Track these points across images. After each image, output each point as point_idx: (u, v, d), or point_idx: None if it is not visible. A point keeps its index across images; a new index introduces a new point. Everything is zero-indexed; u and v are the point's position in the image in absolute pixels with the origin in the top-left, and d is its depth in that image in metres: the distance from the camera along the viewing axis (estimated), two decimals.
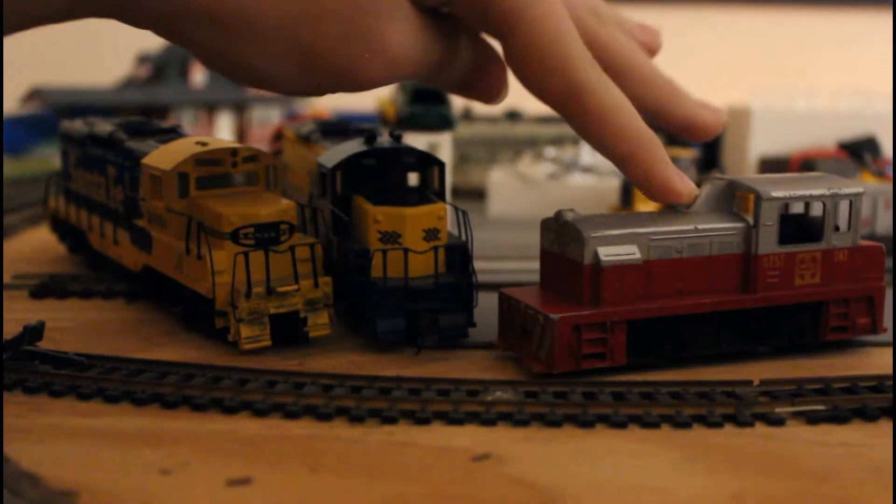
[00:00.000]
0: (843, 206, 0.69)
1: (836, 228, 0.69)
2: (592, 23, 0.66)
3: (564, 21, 0.60)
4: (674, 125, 0.68)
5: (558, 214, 0.66)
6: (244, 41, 0.55)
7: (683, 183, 0.65)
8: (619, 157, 0.64)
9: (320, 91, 0.60)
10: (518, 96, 0.64)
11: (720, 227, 0.67)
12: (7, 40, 0.53)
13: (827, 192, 0.69)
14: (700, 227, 0.67)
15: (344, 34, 0.55)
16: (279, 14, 0.54)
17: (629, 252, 0.65)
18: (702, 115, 0.68)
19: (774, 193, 0.67)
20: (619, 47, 0.66)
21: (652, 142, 0.64)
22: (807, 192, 0.68)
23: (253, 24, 0.54)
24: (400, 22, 0.57)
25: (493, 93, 0.66)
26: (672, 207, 0.68)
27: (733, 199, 0.69)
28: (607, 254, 0.64)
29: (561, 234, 0.66)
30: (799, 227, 0.70)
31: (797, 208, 0.71)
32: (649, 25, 0.73)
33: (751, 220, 0.67)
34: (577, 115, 0.62)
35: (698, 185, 0.69)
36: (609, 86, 0.62)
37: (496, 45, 0.65)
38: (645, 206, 0.95)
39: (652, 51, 0.71)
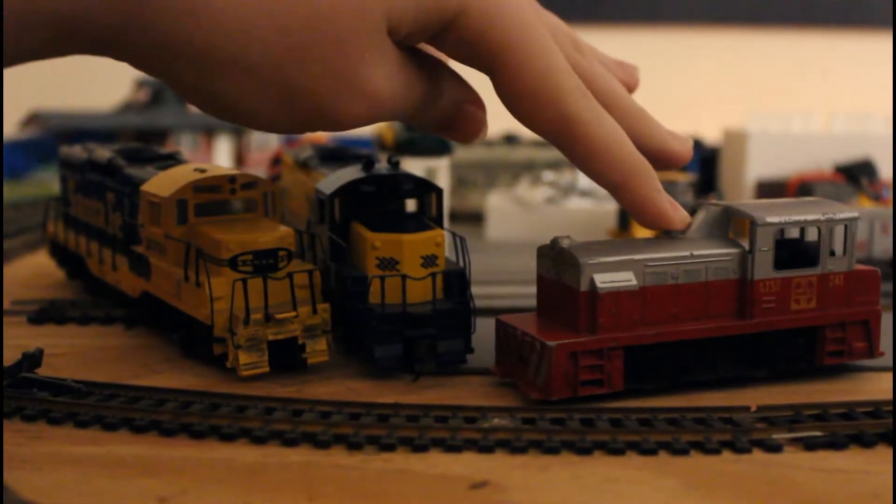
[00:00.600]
0: (839, 231, 0.70)
1: (832, 253, 0.70)
2: (575, 55, 0.66)
3: (554, 54, 0.61)
4: (647, 155, 0.69)
5: (554, 241, 0.67)
6: (225, 79, 0.55)
7: (675, 211, 0.66)
8: (611, 186, 0.65)
9: (301, 129, 0.60)
10: (515, 121, 0.65)
11: (716, 253, 0.67)
12: None
13: (822, 218, 0.69)
14: (696, 252, 0.67)
15: (326, 74, 0.55)
16: (262, 53, 0.54)
17: (625, 279, 0.65)
18: (673, 146, 0.69)
19: (769, 219, 0.67)
20: (599, 79, 0.67)
21: (644, 170, 0.64)
22: (802, 218, 0.69)
23: (235, 62, 0.54)
24: (382, 63, 0.57)
25: (472, 133, 0.66)
26: (668, 233, 0.68)
27: (729, 224, 0.69)
28: (603, 280, 0.64)
29: (557, 261, 0.67)
30: (795, 252, 0.70)
31: (793, 233, 0.71)
32: (627, 63, 0.74)
33: (746, 245, 0.68)
34: (569, 146, 0.63)
35: (695, 208, 0.70)
36: (601, 115, 0.62)
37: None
38: (642, 231, 0.95)
39: (630, 87, 0.71)
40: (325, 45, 0.55)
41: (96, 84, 1.82)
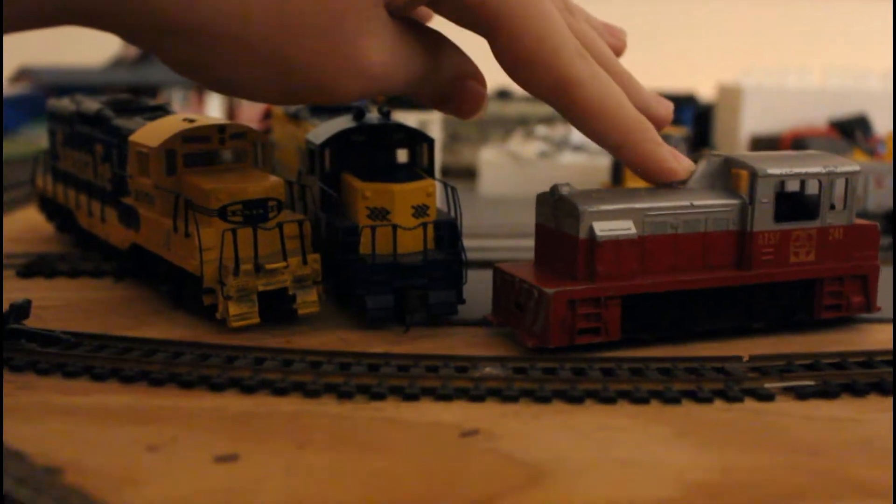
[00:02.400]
0: (839, 185, 0.69)
1: (832, 207, 0.69)
2: (567, 16, 0.66)
3: (552, 17, 0.60)
4: None
5: (554, 189, 0.66)
6: (220, 55, 0.54)
7: (678, 161, 0.66)
8: (611, 146, 0.64)
9: (298, 101, 0.60)
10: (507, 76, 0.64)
11: (716, 204, 0.67)
12: None
13: (823, 171, 0.68)
14: (696, 203, 0.66)
15: (322, 49, 0.55)
16: (258, 30, 0.53)
17: (625, 227, 0.64)
18: (655, 108, 0.69)
19: (770, 171, 0.67)
20: (589, 42, 0.66)
21: (642, 126, 0.64)
22: (803, 170, 0.68)
23: (230, 39, 0.53)
24: (379, 37, 0.57)
25: (471, 107, 0.65)
26: (668, 184, 0.68)
27: (729, 175, 0.69)
28: (603, 229, 0.64)
29: (556, 209, 0.66)
30: (794, 205, 0.70)
31: (793, 186, 0.70)
32: (615, 26, 0.73)
33: (746, 197, 0.67)
34: (567, 109, 0.62)
35: (696, 159, 0.69)
36: (598, 76, 0.62)
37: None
38: (635, 183, 0.95)
39: (617, 51, 0.71)
40: (323, 19, 0.54)
41: (87, 40, 1.80)
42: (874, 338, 0.69)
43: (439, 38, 0.63)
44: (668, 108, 0.70)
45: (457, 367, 0.60)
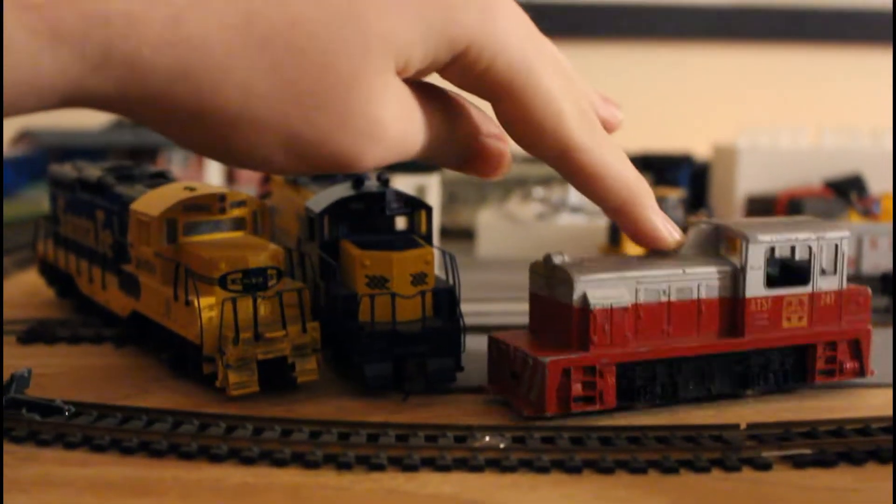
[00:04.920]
0: (830, 250, 0.70)
1: (823, 272, 0.70)
2: (566, 82, 0.66)
3: (556, 85, 0.60)
4: None
5: (547, 258, 0.67)
6: (231, 135, 0.53)
7: (670, 232, 0.66)
8: (609, 209, 0.65)
9: (319, 171, 0.59)
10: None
11: (708, 271, 0.68)
12: None
13: (813, 237, 0.69)
14: (688, 270, 0.67)
15: (335, 122, 0.54)
16: (265, 108, 0.53)
17: (618, 295, 0.65)
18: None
19: (761, 237, 0.68)
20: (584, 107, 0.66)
21: (641, 193, 0.65)
22: (793, 236, 0.69)
23: (238, 120, 0.53)
24: (392, 105, 0.56)
25: (493, 166, 0.64)
26: (660, 251, 0.68)
27: (721, 242, 0.70)
28: (596, 297, 0.64)
29: (550, 278, 0.67)
30: (786, 271, 0.70)
31: (784, 252, 0.71)
32: (612, 100, 0.72)
33: (738, 263, 0.68)
34: (569, 174, 0.63)
35: (686, 225, 0.70)
36: (601, 142, 0.62)
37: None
38: (633, 247, 0.95)
39: (611, 126, 0.70)
40: (331, 94, 0.53)
41: None
42: (869, 403, 0.69)
43: (453, 98, 0.62)
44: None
45: (455, 437, 0.61)
